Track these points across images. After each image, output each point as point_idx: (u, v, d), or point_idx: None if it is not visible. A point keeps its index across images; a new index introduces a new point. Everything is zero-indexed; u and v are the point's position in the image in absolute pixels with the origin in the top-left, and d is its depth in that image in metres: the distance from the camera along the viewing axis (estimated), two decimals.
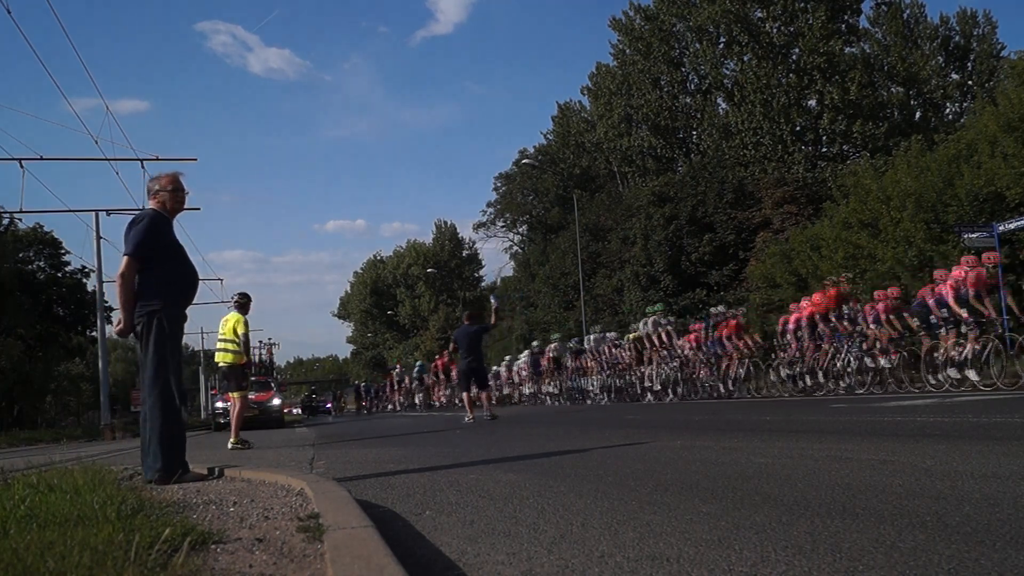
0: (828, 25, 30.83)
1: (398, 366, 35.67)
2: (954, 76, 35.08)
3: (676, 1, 34.73)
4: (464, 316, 13.55)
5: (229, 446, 8.76)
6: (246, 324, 9.22)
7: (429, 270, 58.45)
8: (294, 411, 42.07)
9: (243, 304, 9.46)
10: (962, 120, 29.50)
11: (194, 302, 4.62)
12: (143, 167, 19.51)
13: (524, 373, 23.69)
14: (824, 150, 31.84)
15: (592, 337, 20.22)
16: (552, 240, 42.12)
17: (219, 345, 9.31)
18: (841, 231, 19.79)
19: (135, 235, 4.24)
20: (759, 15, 32.60)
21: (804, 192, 27.65)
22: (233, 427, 8.99)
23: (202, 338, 49.62)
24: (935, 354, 10.74)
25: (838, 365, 12.38)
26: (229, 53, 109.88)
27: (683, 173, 32.01)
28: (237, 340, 9.13)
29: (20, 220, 29.25)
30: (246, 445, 8.77)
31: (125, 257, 4.22)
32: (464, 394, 12.19)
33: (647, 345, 16.64)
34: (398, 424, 14.12)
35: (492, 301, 14.82)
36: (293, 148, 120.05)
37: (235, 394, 9.11)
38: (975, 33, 35.56)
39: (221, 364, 9.35)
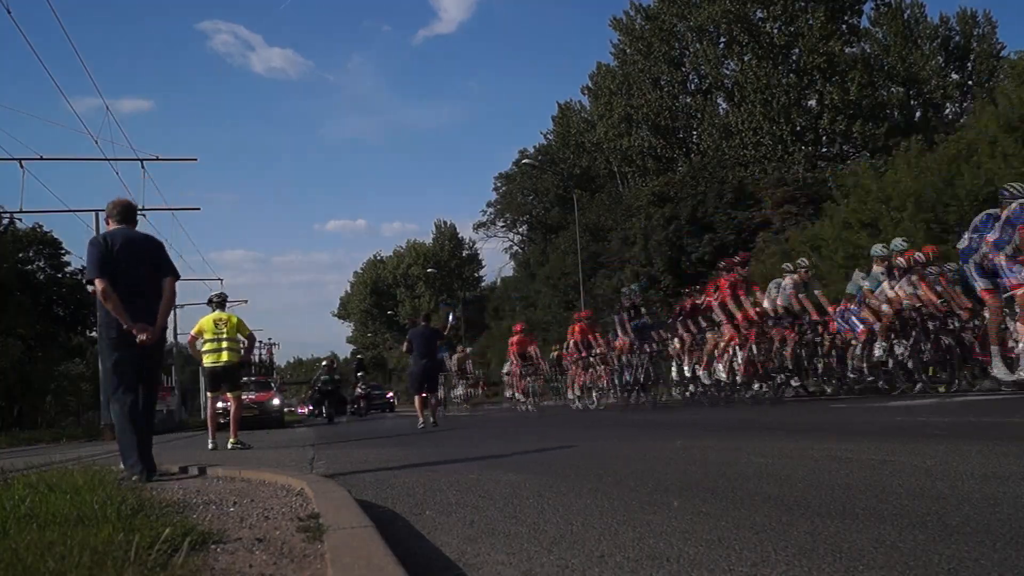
0: (828, 25, 30.88)
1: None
2: (954, 76, 35.12)
3: (677, 1, 34.77)
4: (421, 317, 13.23)
5: (229, 446, 8.76)
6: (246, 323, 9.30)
7: (429, 270, 58.48)
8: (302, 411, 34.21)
9: (224, 303, 9.53)
10: (962, 120, 29.50)
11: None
12: (143, 167, 19.58)
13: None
14: (824, 150, 31.88)
15: None
16: (552, 240, 42.18)
17: (223, 344, 9.02)
18: (841, 231, 19.78)
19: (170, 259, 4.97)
20: (759, 15, 32.65)
21: (804, 192, 27.66)
22: (233, 426, 8.99)
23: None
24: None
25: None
26: (231, 52, 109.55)
27: (683, 173, 32.02)
28: (240, 340, 9.10)
29: (20, 220, 29.30)
30: (215, 447, 8.75)
31: (172, 278, 4.87)
32: (416, 397, 11.63)
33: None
34: (398, 425, 14.12)
35: (450, 319, 15.18)
36: (294, 148, 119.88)
37: (232, 393, 9.10)
38: (975, 33, 35.59)
39: (223, 363, 9.06)
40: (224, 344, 9.03)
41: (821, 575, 1.64)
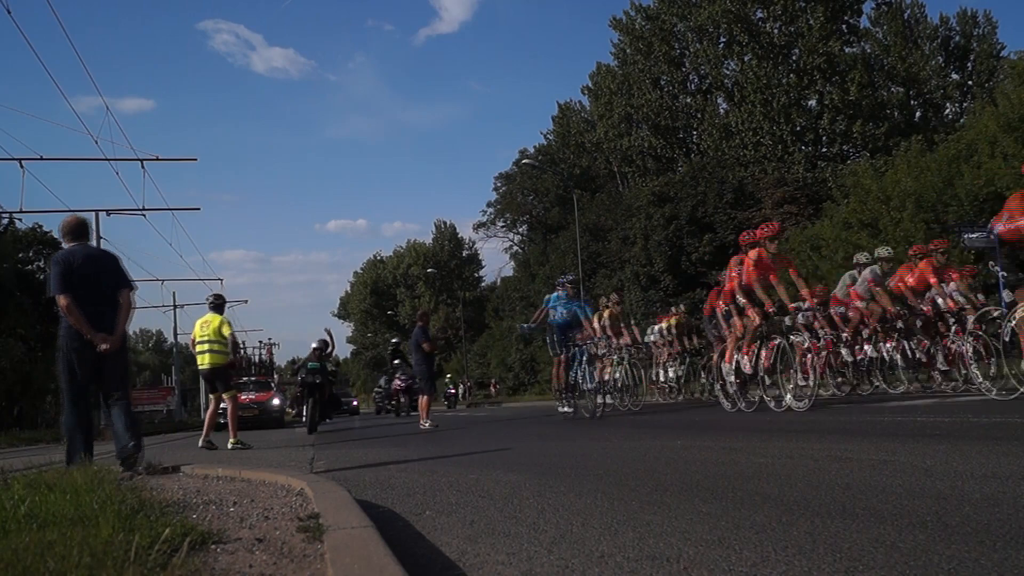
0: (828, 25, 30.88)
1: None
2: (954, 76, 35.13)
3: (677, 1, 34.77)
4: (418, 317, 12.75)
5: (228, 446, 8.77)
6: (231, 324, 9.21)
7: (429, 270, 58.49)
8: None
9: (220, 305, 9.44)
10: (962, 120, 29.50)
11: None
12: (143, 167, 19.55)
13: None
14: (824, 150, 31.87)
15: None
16: (552, 240, 42.17)
17: (204, 347, 9.11)
18: (841, 231, 19.80)
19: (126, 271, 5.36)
20: (759, 15, 32.65)
21: (804, 192, 27.66)
22: (232, 426, 9.01)
23: None
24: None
25: None
26: (232, 52, 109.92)
27: (683, 173, 32.03)
28: (224, 341, 9.08)
29: (20, 220, 29.28)
30: (210, 446, 8.73)
31: (128, 289, 5.26)
32: (421, 397, 11.55)
33: None
34: (399, 425, 14.12)
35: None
36: (295, 147, 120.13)
37: (227, 394, 9.12)
38: (975, 33, 35.58)
39: (208, 365, 9.12)
40: (205, 347, 9.12)
41: (821, 575, 1.64)
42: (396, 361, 20.43)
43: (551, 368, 12.54)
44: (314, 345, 13.19)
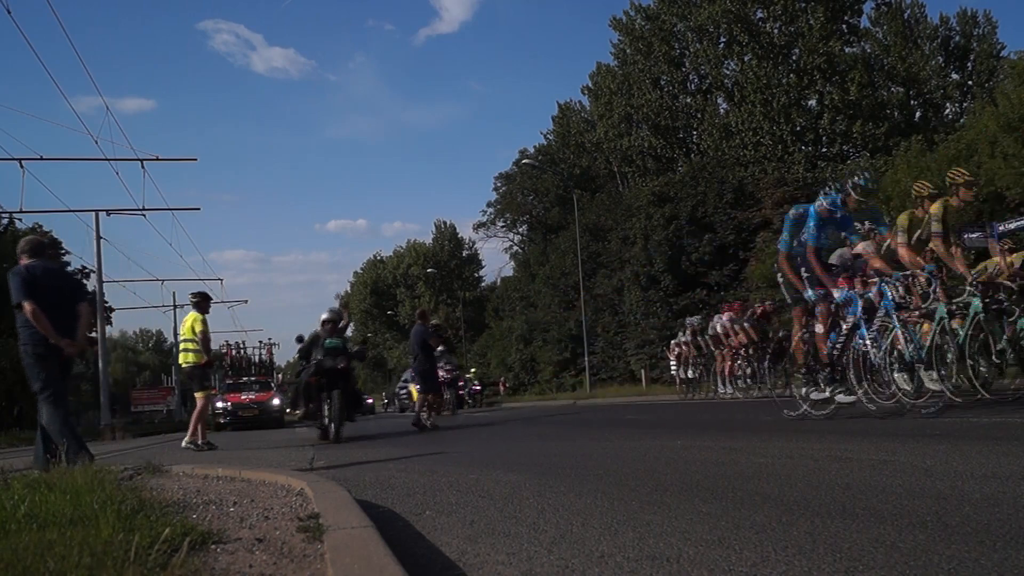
0: (828, 25, 30.88)
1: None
2: (954, 76, 35.09)
3: (677, 1, 34.76)
4: (417, 316, 12.27)
5: (183, 444, 8.74)
6: (204, 323, 9.08)
7: (429, 270, 58.49)
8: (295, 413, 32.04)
9: (200, 303, 9.37)
10: (962, 120, 29.48)
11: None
12: (143, 167, 19.55)
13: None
14: (824, 150, 31.86)
15: None
16: (552, 240, 42.13)
17: (181, 346, 9.25)
18: None
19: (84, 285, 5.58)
20: (759, 15, 32.65)
21: (804, 192, 27.60)
22: (192, 425, 8.98)
23: None
24: None
25: None
26: (232, 52, 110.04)
27: (683, 173, 31.99)
28: (197, 339, 9.03)
29: (20, 220, 29.23)
30: (209, 446, 8.72)
31: (86, 302, 5.70)
32: (420, 396, 11.55)
33: None
34: (399, 425, 14.11)
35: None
36: (295, 147, 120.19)
37: (199, 394, 9.10)
38: (975, 33, 35.54)
39: (183, 364, 9.23)
40: (181, 346, 9.28)
41: (821, 575, 1.64)
42: (440, 348, 15.25)
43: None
44: (325, 316, 9.32)
